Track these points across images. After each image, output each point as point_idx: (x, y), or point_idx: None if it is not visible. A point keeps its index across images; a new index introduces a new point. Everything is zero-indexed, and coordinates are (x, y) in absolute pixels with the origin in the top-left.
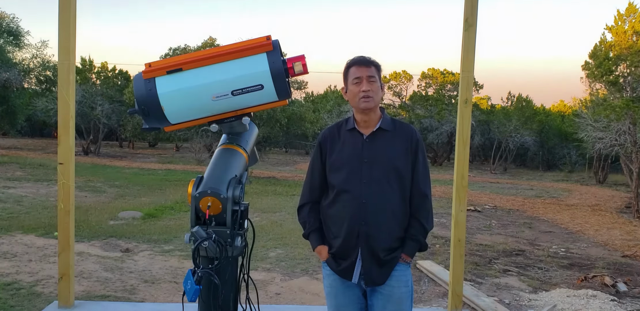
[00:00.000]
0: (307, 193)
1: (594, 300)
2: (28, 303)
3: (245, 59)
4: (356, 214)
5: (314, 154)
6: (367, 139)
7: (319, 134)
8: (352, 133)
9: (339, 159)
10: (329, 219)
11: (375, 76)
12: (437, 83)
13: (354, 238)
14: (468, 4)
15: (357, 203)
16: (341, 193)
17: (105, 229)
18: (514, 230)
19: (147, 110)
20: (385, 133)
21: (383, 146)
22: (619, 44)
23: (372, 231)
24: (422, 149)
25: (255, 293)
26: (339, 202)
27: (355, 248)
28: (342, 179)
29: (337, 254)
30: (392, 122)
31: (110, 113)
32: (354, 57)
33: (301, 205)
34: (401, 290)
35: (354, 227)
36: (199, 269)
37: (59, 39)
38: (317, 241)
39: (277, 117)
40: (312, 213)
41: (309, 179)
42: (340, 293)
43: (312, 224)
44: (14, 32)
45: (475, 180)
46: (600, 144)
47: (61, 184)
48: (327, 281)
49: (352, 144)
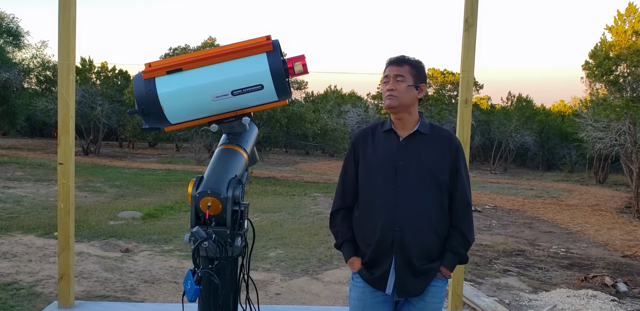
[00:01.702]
0: (339, 199)
1: (594, 300)
2: (28, 303)
3: (245, 59)
4: (390, 219)
5: (347, 157)
6: (404, 142)
7: (351, 136)
8: (388, 135)
9: (373, 161)
10: (361, 225)
11: (404, 75)
12: (437, 83)
13: (387, 244)
14: (468, 4)
15: (391, 208)
16: (374, 196)
17: (105, 230)
18: (514, 230)
19: (147, 110)
20: (422, 137)
21: (420, 150)
22: (619, 44)
23: (407, 237)
24: (462, 156)
25: (255, 293)
26: (372, 207)
27: (389, 255)
28: (376, 182)
29: (369, 263)
30: (431, 127)
31: (110, 113)
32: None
33: (333, 211)
34: (435, 306)
35: (388, 233)
36: (199, 269)
37: (59, 39)
38: (350, 252)
39: (277, 117)
40: (345, 222)
41: (341, 184)
42: (369, 307)
43: (345, 234)
44: (14, 32)
45: (475, 180)
46: (601, 144)
47: (61, 184)
48: (355, 294)
49: (387, 146)
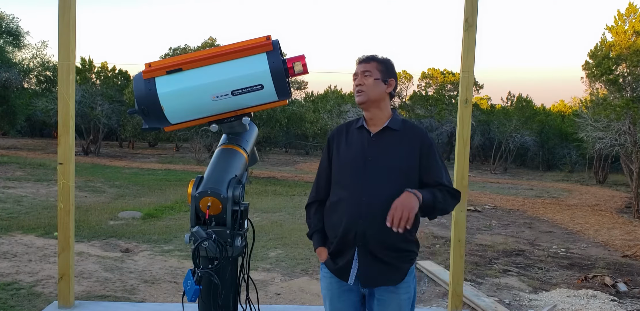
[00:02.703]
0: (314, 192)
1: (594, 300)
2: (28, 303)
3: (245, 59)
4: (354, 213)
5: (323, 152)
6: (374, 137)
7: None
8: (360, 131)
9: (345, 156)
10: (329, 217)
11: (371, 70)
12: (437, 83)
13: (351, 237)
14: (468, 4)
15: (356, 201)
16: (342, 191)
17: (105, 229)
18: (514, 230)
19: (147, 110)
20: (393, 132)
21: (389, 145)
22: (619, 44)
23: (369, 229)
24: (434, 153)
25: (255, 293)
26: (339, 200)
27: (352, 247)
28: (344, 177)
29: (334, 253)
30: (402, 123)
31: (110, 113)
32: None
33: (308, 204)
34: (401, 296)
35: (352, 226)
36: (199, 269)
37: (59, 39)
38: (318, 242)
39: (277, 117)
40: (317, 214)
41: (316, 178)
42: (336, 296)
43: (316, 225)
44: (14, 32)
45: (475, 180)
46: (600, 144)
47: (61, 184)
48: (324, 284)
49: (358, 142)
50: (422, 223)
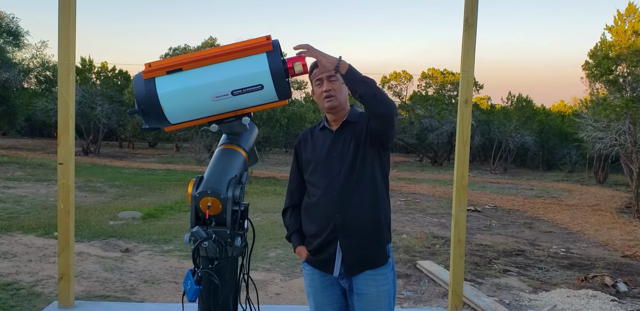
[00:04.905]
0: (288, 197)
1: (594, 300)
2: (28, 303)
3: (245, 59)
4: (329, 208)
5: (292, 160)
6: (336, 134)
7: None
8: (323, 131)
9: (312, 157)
10: (308, 217)
11: (335, 75)
12: (437, 83)
13: (330, 231)
14: (468, 4)
15: (329, 197)
16: (316, 190)
17: (105, 230)
18: (514, 230)
19: (147, 110)
20: (351, 125)
21: (350, 138)
22: (619, 44)
23: (348, 222)
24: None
25: (255, 293)
26: (314, 198)
27: (334, 241)
28: (314, 176)
29: (316, 249)
30: (359, 115)
31: (110, 113)
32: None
33: (283, 210)
34: (380, 289)
35: (329, 220)
36: (199, 269)
37: (59, 39)
38: (297, 242)
39: (277, 117)
40: (293, 217)
41: (288, 184)
42: (319, 292)
43: (293, 226)
44: (14, 32)
45: (475, 180)
46: (600, 144)
47: (61, 184)
48: (307, 281)
49: (323, 142)
50: (422, 223)
